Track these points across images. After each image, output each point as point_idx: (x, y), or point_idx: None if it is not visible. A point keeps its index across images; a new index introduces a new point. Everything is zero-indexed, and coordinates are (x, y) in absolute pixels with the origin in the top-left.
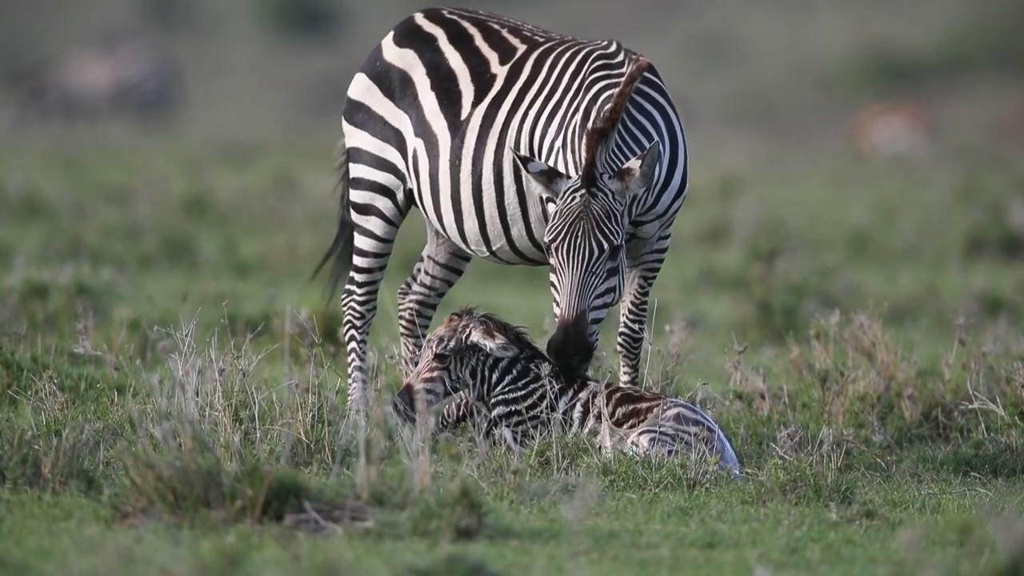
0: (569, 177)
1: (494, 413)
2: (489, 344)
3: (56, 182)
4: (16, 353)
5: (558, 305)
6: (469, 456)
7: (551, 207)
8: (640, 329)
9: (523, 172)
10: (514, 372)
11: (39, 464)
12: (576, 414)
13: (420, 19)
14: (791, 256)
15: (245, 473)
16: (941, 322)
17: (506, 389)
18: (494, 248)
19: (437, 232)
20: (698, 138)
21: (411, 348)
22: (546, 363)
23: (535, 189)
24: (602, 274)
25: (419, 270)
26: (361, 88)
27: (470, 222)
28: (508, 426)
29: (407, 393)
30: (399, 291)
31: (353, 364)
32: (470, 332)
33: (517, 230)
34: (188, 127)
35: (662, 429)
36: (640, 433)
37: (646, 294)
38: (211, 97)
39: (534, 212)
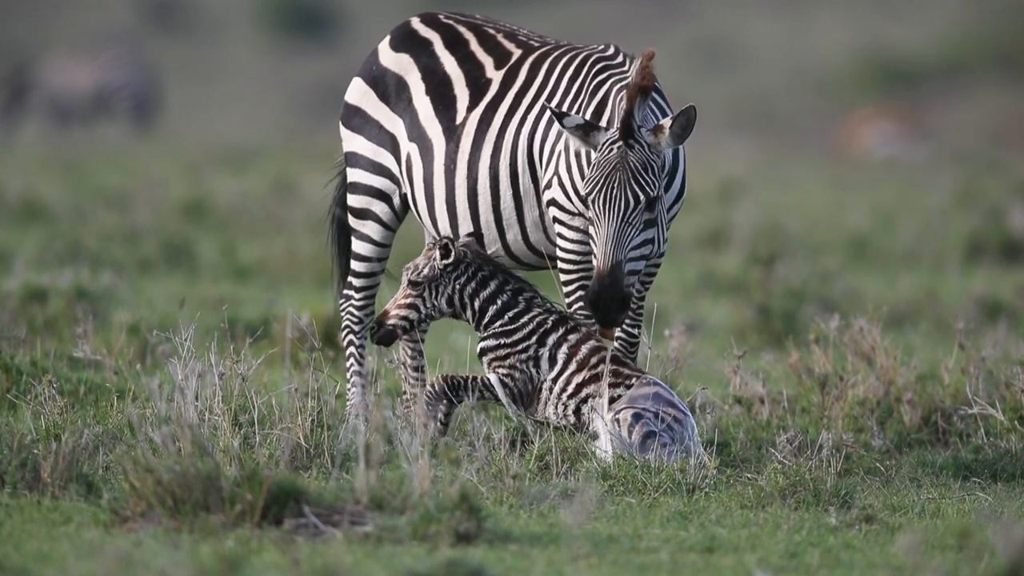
0: (607, 129)
1: (481, 345)
2: (433, 261)
3: (55, 186)
4: (15, 357)
5: (595, 257)
6: (468, 460)
7: (554, 213)
8: (637, 333)
9: (558, 126)
10: (499, 303)
11: (38, 468)
12: (561, 354)
13: (416, 24)
14: (790, 260)
15: (244, 477)
16: (941, 326)
17: (497, 324)
18: (489, 253)
19: (432, 235)
20: (697, 142)
21: (409, 352)
22: (536, 296)
23: (572, 144)
24: (639, 225)
25: None
26: (357, 92)
27: (465, 227)
28: (494, 360)
29: (380, 319)
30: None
31: (352, 368)
32: (435, 255)
33: (513, 234)
34: (171, 132)
35: (645, 406)
36: (623, 408)
37: (643, 298)
38: (210, 101)
39: (530, 216)
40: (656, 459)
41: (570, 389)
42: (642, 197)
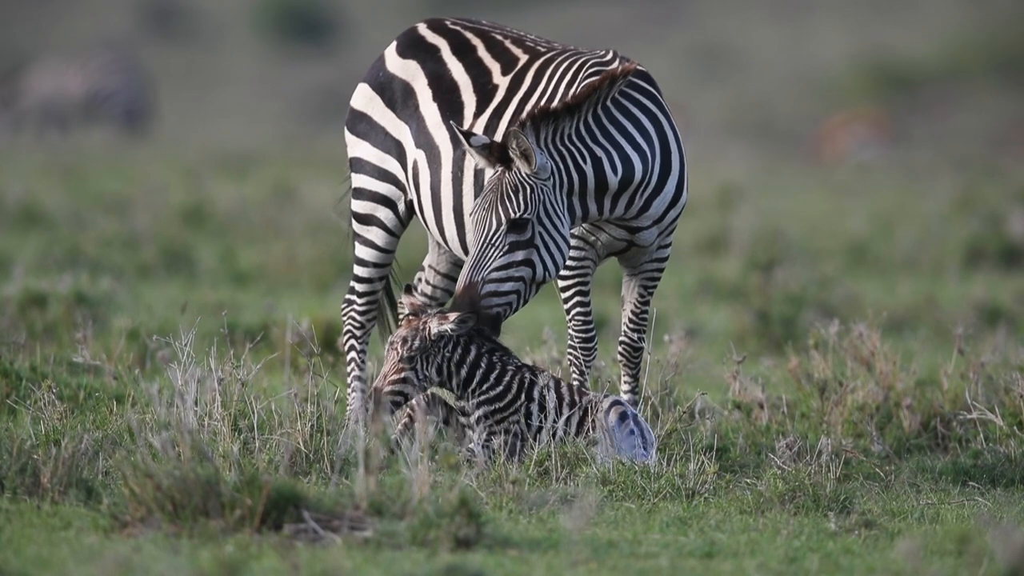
0: None
1: (477, 414)
2: (446, 326)
3: (55, 191)
4: (15, 362)
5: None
6: (468, 466)
7: None
8: (640, 339)
9: (465, 146)
10: (483, 366)
11: (38, 473)
12: (551, 401)
13: (423, 29)
14: (790, 266)
15: (244, 482)
16: (940, 332)
17: (484, 388)
18: None
19: (438, 242)
20: (697, 148)
21: None
22: (496, 348)
23: (477, 164)
24: (502, 247)
25: (420, 280)
26: (363, 98)
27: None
28: (491, 425)
29: (376, 397)
30: (399, 301)
31: (352, 374)
32: (430, 327)
33: None
34: (170, 137)
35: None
36: (613, 405)
37: (646, 304)
38: (210, 107)
39: None
40: (629, 450)
41: (570, 429)
42: (503, 219)
